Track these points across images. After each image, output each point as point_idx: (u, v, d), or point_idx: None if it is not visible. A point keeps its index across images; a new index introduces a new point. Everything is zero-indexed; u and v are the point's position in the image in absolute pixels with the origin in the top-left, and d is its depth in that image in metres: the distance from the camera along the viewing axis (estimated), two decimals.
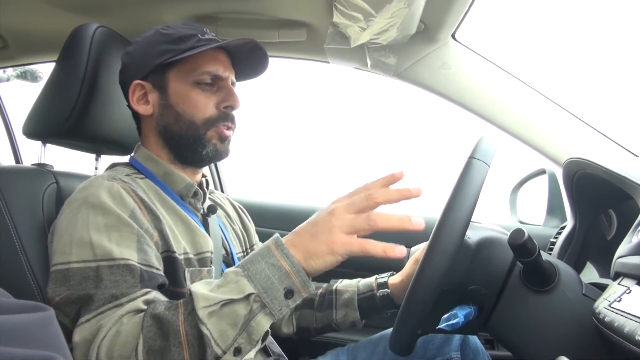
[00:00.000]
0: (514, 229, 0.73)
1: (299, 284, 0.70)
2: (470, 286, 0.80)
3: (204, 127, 0.97)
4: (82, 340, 0.73)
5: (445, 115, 1.73)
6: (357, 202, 0.71)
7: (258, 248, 0.75)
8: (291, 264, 0.70)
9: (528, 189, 1.62)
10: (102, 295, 0.75)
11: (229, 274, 0.73)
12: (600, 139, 1.35)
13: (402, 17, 1.17)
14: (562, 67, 2.42)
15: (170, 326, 0.70)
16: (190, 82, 0.97)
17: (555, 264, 0.78)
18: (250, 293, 0.69)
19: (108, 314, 0.74)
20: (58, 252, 0.80)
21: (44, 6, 1.31)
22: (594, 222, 1.04)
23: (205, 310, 0.69)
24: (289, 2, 1.27)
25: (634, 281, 0.62)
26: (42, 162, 1.10)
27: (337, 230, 0.69)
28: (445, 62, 1.39)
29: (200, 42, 0.96)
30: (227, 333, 0.69)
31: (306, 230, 0.73)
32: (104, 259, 0.77)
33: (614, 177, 0.83)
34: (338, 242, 0.69)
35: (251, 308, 0.69)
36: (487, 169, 0.73)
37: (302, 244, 0.71)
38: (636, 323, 0.52)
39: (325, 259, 0.70)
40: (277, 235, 0.74)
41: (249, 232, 1.21)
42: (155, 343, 0.69)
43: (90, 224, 0.80)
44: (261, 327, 0.69)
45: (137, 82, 0.98)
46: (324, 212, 0.73)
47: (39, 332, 0.37)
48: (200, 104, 0.97)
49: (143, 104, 0.99)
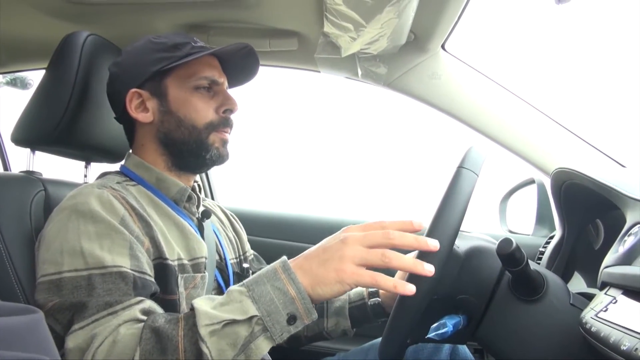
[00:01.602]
0: (502, 239, 0.74)
1: (302, 310, 0.69)
2: (459, 295, 0.80)
3: (206, 132, 0.98)
4: (75, 348, 0.72)
5: (435, 124, 1.75)
6: (372, 237, 0.70)
7: (264, 269, 0.74)
8: (297, 290, 0.69)
9: (517, 198, 1.63)
10: (96, 303, 0.74)
11: (233, 292, 0.72)
12: (588, 150, 1.37)
13: (392, 28, 1.18)
14: (551, 77, 2.45)
15: (169, 341, 0.69)
16: (190, 87, 0.98)
17: (544, 274, 0.79)
18: (254, 315, 0.68)
19: (103, 322, 0.73)
20: (48, 262, 0.79)
21: (34, 13, 1.30)
22: (581, 231, 1.05)
23: (207, 328, 0.68)
24: (280, 11, 1.28)
25: (619, 291, 0.63)
26: (31, 170, 1.09)
27: (349, 260, 0.68)
28: (435, 72, 1.40)
29: (194, 49, 0.98)
30: (225, 352, 0.68)
31: (316, 255, 0.71)
32: (95, 267, 0.77)
33: (601, 187, 0.84)
34: (348, 272, 0.68)
35: (252, 330, 0.68)
36: (476, 179, 0.74)
37: (311, 269, 0.70)
38: (622, 333, 0.52)
39: (333, 288, 0.69)
40: (285, 258, 0.73)
41: (242, 239, 1.21)
42: (152, 356, 0.69)
43: (81, 233, 0.79)
44: (260, 350, 0.69)
45: (134, 91, 0.98)
46: (335, 239, 0.72)
47: (28, 334, 0.36)
48: (201, 108, 0.98)
49: (142, 111, 0.98)
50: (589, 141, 1.37)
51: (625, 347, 0.50)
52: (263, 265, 1.23)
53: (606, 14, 2.18)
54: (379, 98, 1.86)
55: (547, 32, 2.38)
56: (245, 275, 1.11)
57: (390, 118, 2.56)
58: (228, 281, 1.04)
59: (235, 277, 1.07)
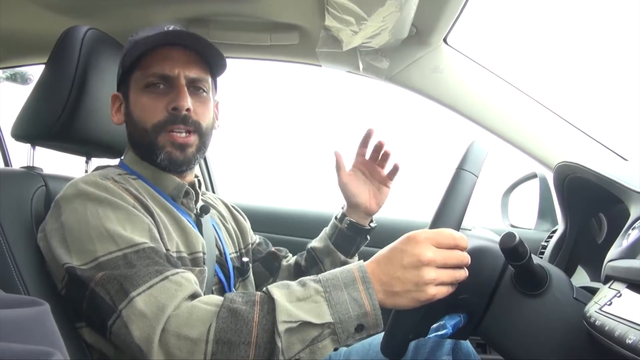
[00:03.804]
0: (505, 233, 0.73)
1: (372, 323, 0.73)
2: (460, 295, 0.80)
3: (154, 133, 0.92)
4: (139, 314, 0.73)
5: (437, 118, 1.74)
6: (448, 260, 0.72)
7: (341, 269, 0.76)
8: (372, 305, 0.72)
9: (519, 192, 1.63)
10: (146, 272, 0.76)
11: (310, 287, 0.74)
12: (590, 143, 1.36)
13: (393, 21, 1.18)
14: (553, 71, 2.44)
15: (245, 324, 0.71)
16: (142, 86, 0.94)
17: (547, 268, 0.78)
18: (328, 322, 0.71)
19: (159, 288, 0.75)
20: (78, 251, 0.79)
21: (33, 8, 1.29)
22: (584, 225, 1.05)
23: (285, 325, 0.70)
24: (281, 5, 1.27)
25: (624, 285, 0.63)
26: (31, 165, 1.09)
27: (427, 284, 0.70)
28: (437, 66, 1.40)
29: (148, 46, 0.92)
30: (294, 346, 0.71)
31: (393, 273, 0.72)
32: (127, 247, 0.78)
33: (604, 181, 0.83)
34: (424, 297, 0.70)
35: (322, 332, 0.71)
36: (475, 180, 0.75)
37: (388, 285, 0.72)
38: (626, 327, 0.52)
39: (405, 305, 0.72)
40: (364, 266, 0.75)
41: (244, 231, 1.21)
42: (226, 335, 0.71)
43: (102, 218, 0.81)
44: (326, 350, 0.72)
45: (114, 94, 1.00)
46: (411, 256, 0.71)
47: (35, 327, 0.36)
48: (149, 107, 0.93)
49: (119, 114, 1.00)
50: (591, 135, 1.37)
51: (631, 340, 0.49)
52: (271, 248, 1.25)
53: (609, 6, 2.17)
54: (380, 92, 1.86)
55: (550, 26, 2.37)
56: (246, 269, 1.11)
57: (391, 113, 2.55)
58: (228, 275, 1.04)
59: (235, 271, 1.07)
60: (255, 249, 1.21)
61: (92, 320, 0.81)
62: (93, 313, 0.78)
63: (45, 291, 0.86)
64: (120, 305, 0.74)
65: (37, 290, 0.85)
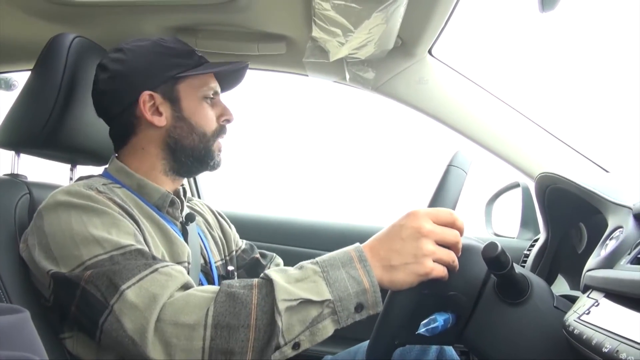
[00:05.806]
0: (487, 243, 0.74)
1: (371, 302, 0.73)
2: (449, 292, 0.81)
3: (213, 140, 1.02)
4: (130, 306, 0.72)
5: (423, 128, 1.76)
6: (447, 237, 0.74)
7: (337, 251, 0.77)
8: (371, 282, 0.72)
9: (503, 201, 1.65)
10: (135, 265, 0.76)
11: (307, 269, 0.75)
12: (572, 155, 1.39)
13: (379, 33, 1.19)
14: (535, 82, 2.48)
15: (244, 307, 0.71)
16: (200, 96, 1.02)
17: (528, 277, 0.80)
18: (328, 299, 0.71)
19: (150, 280, 0.75)
20: (65, 258, 0.79)
21: (19, 14, 1.29)
22: (565, 235, 1.07)
23: (285, 303, 0.70)
24: (269, 15, 1.28)
25: (601, 294, 0.64)
26: (15, 173, 1.08)
27: (426, 257, 0.72)
28: (422, 77, 1.42)
29: (202, 60, 1.03)
30: (294, 327, 0.71)
31: (391, 247, 0.74)
32: (114, 249, 0.78)
33: (584, 192, 0.85)
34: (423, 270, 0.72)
35: (322, 311, 0.72)
36: (465, 176, 0.77)
37: (387, 261, 0.74)
38: (603, 335, 0.53)
39: (405, 280, 0.73)
40: (360, 246, 0.77)
41: (229, 238, 1.20)
42: (224, 319, 0.71)
43: (87, 224, 0.80)
44: (326, 331, 0.72)
45: (149, 93, 0.97)
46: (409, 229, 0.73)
47: (15, 333, 0.36)
48: (209, 117, 1.02)
49: (156, 115, 0.98)
50: (573, 146, 1.39)
51: (607, 349, 0.50)
52: (255, 254, 1.23)
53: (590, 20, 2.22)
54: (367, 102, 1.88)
55: (533, 38, 2.41)
56: (231, 277, 1.11)
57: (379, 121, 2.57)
58: (213, 284, 1.04)
59: (220, 280, 1.06)
60: (239, 256, 1.21)
61: (81, 323, 0.80)
62: (83, 314, 0.77)
63: (29, 301, 0.85)
64: (111, 300, 0.74)
65: (21, 299, 0.84)
